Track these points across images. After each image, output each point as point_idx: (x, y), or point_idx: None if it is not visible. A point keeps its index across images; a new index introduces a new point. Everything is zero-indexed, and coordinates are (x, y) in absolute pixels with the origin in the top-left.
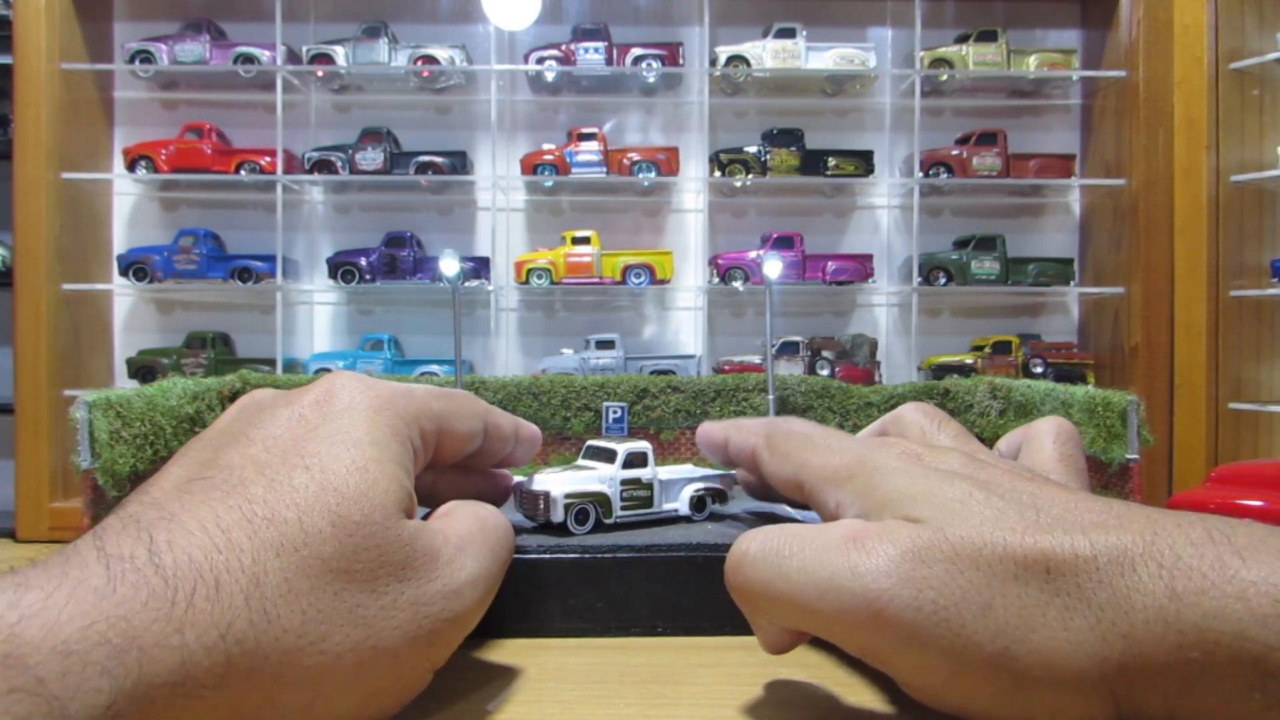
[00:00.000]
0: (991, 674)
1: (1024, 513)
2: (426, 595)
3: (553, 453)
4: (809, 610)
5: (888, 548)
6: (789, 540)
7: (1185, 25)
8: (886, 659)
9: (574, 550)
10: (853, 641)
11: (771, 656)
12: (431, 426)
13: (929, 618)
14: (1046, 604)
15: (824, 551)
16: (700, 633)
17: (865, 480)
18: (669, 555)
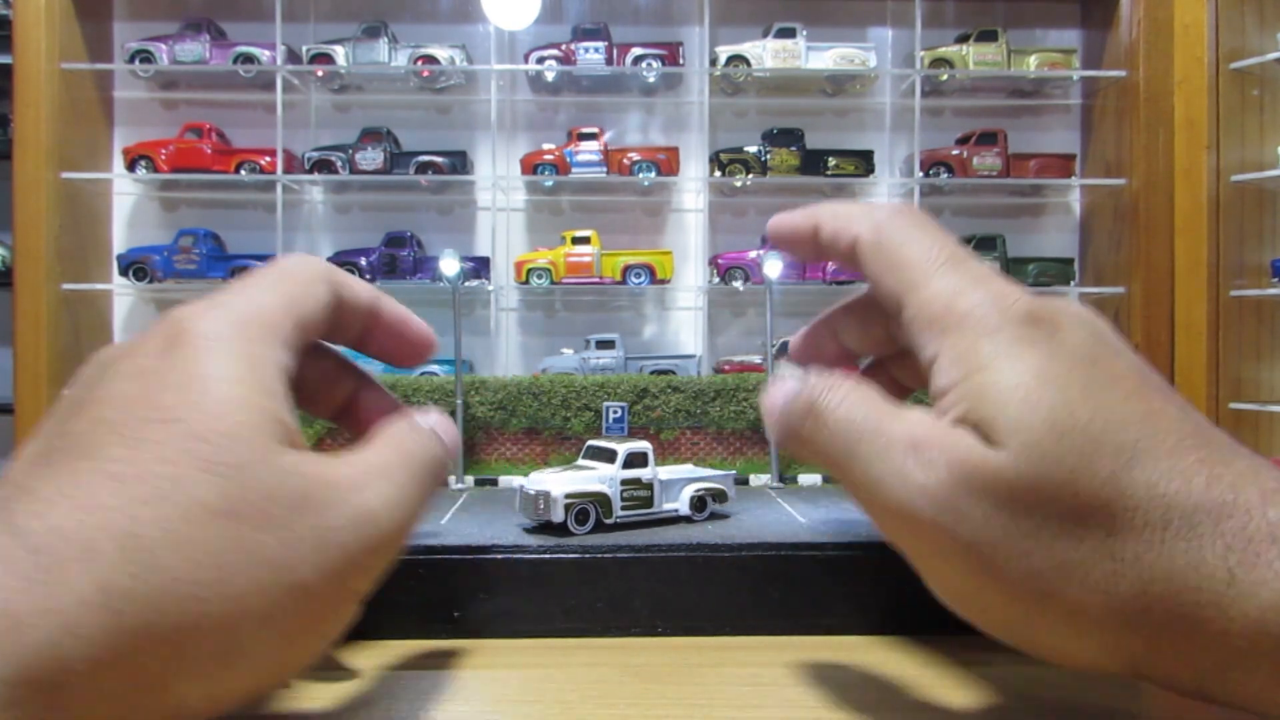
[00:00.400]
0: (1014, 608)
1: (1119, 454)
2: (331, 523)
3: (553, 453)
4: (852, 491)
5: (941, 471)
6: (869, 414)
7: (1185, 25)
8: (912, 557)
9: (574, 550)
10: (884, 529)
11: (769, 656)
12: (293, 328)
13: (962, 549)
14: (1094, 565)
15: (888, 448)
16: (700, 633)
17: (968, 349)
18: (669, 555)
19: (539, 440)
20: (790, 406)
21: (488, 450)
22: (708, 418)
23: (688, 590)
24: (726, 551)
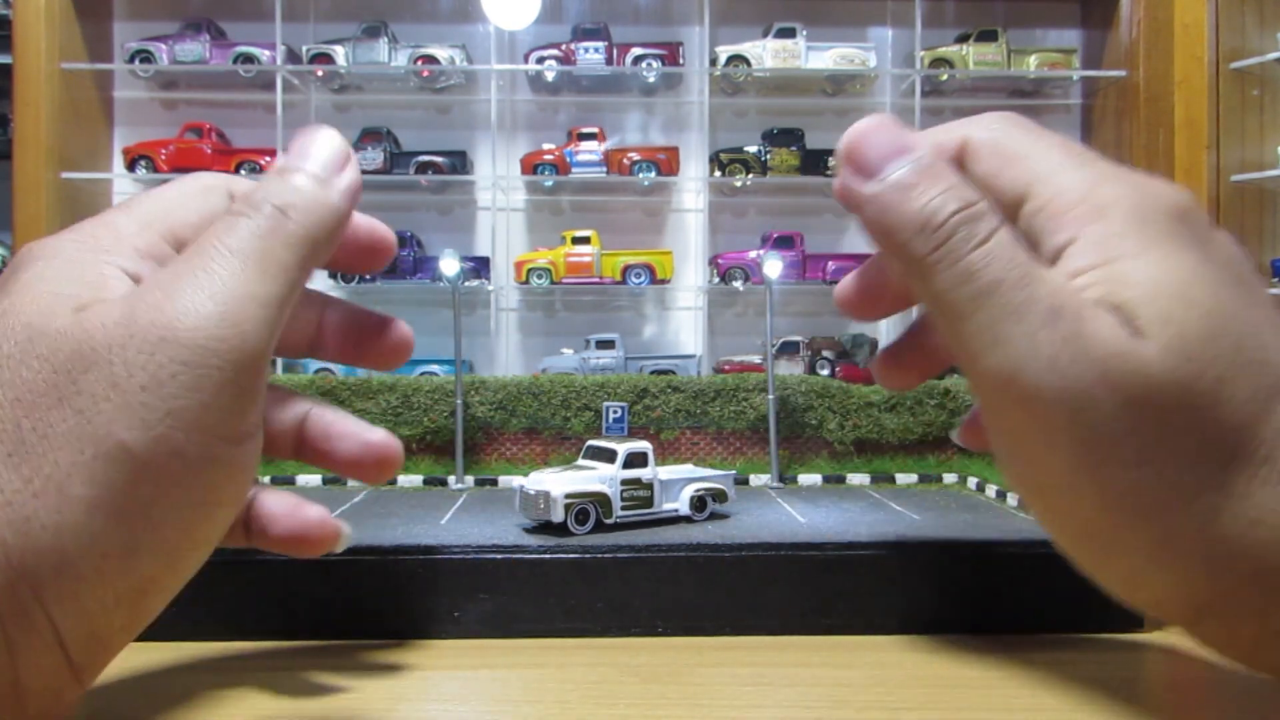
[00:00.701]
0: (1102, 519)
1: (1262, 377)
2: (131, 362)
3: (553, 453)
4: (959, 339)
5: (1079, 349)
6: (1016, 259)
7: (1185, 25)
8: (1002, 432)
9: (574, 550)
10: (982, 392)
11: (769, 656)
12: (155, 236)
13: (1075, 439)
14: (1202, 492)
15: (1027, 306)
16: (700, 633)
17: (1113, 236)
18: (669, 555)
19: (539, 440)
20: (941, 205)
21: (488, 450)
22: (708, 418)
23: (688, 590)
24: (726, 551)
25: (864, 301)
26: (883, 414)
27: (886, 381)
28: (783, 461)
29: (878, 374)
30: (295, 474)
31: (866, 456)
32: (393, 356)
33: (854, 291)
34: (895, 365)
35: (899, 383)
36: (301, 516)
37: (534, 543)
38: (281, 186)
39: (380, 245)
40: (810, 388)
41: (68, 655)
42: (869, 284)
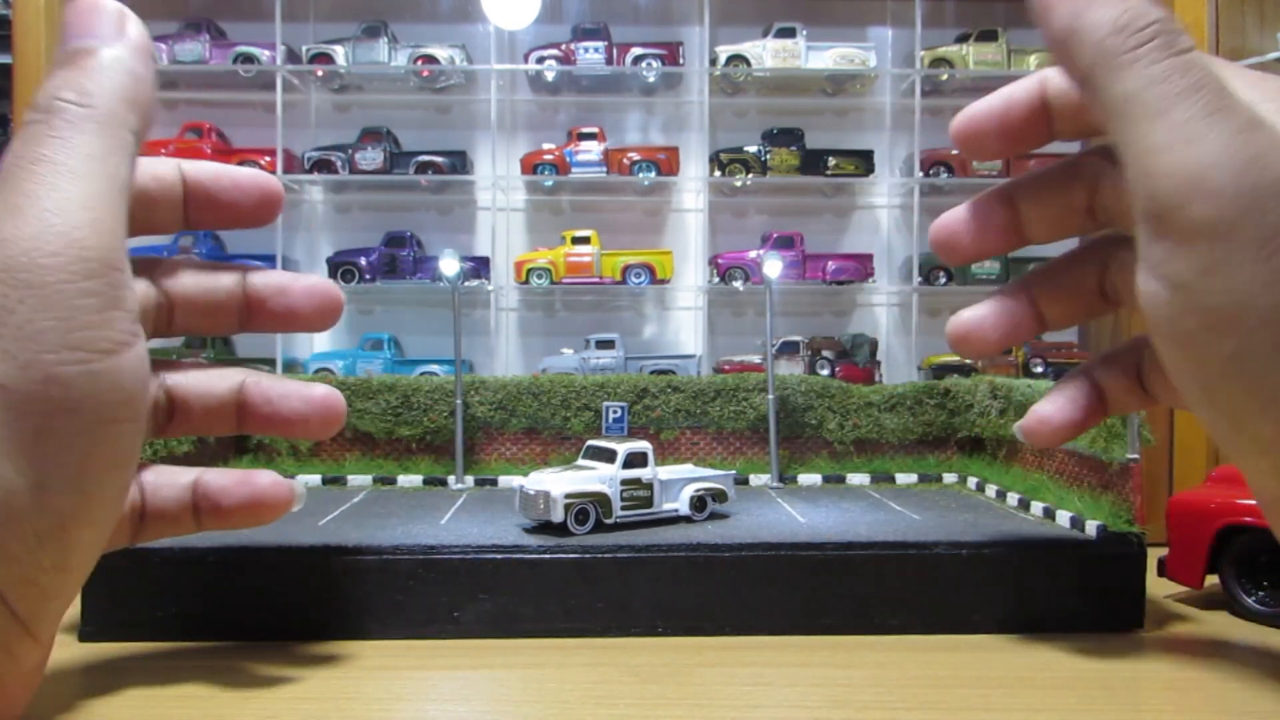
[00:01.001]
0: (1259, 335)
1: None
2: None
3: (553, 453)
4: (1148, 139)
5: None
6: (1216, 69)
7: (1185, 25)
8: (1174, 240)
9: (574, 550)
10: (1160, 191)
11: (769, 656)
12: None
13: (1253, 239)
14: None
15: (1227, 111)
16: (700, 633)
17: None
18: (669, 555)
19: (539, 440)
20: (1143, 10)
21: (488, 450)
22: (708, 418)
23: (688, 590)
24: (726, 551)
25: (976, 232)
26: (883, 414)
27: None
28: (783, 461)
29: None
30: (295, 474)
31: (866, 456)
32: (322, 316)
33: (963, 221)
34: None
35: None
36: (252, 484)
37: (534, 543)
38: (62, 77)
39: (263, 192)
40: (810, 388)
41: (8, 606)
42: (983, 215)
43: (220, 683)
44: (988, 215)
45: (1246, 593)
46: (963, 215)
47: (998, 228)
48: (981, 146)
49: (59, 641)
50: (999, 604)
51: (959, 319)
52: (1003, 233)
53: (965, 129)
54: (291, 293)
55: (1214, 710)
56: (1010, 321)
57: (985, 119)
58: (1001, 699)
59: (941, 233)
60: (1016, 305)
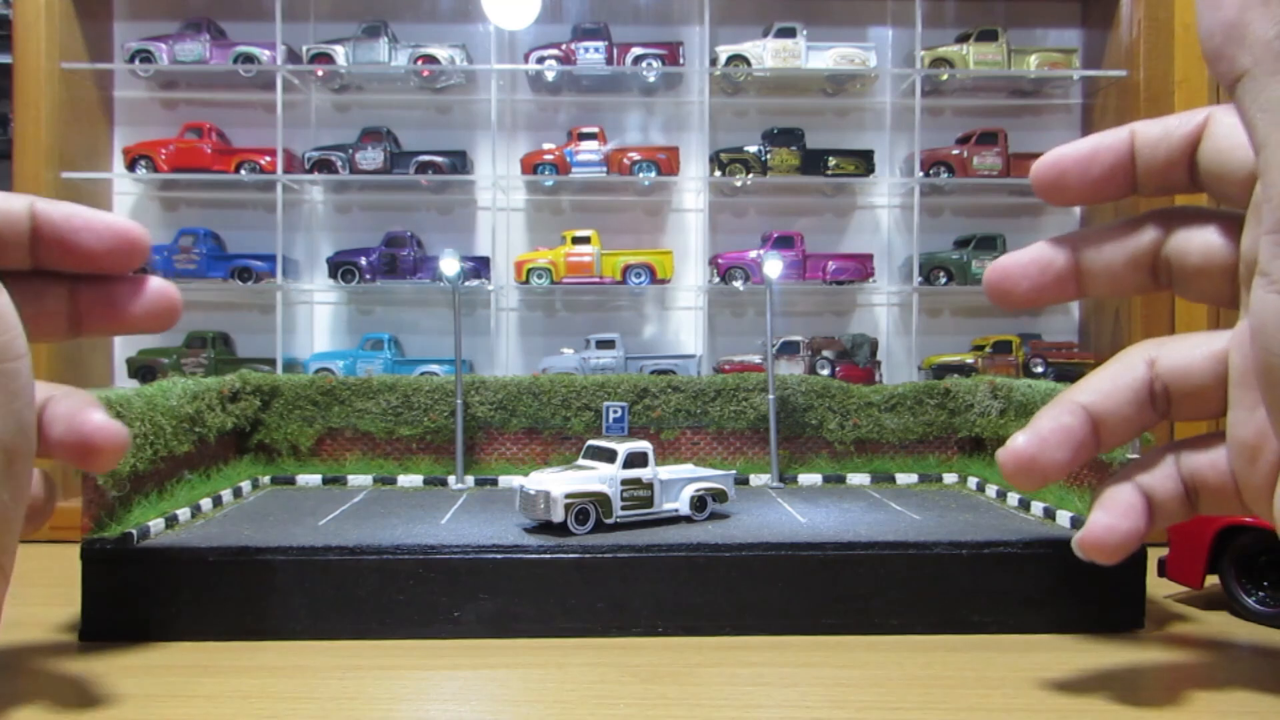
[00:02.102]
0: None
1: None
2: None
3: (553, 453)
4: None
5: None
6: None
7: (1185, 25)
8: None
9: (574, 550)
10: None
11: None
12: None
13: None
14: None
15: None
16: (700, 633)
17: None
18: (669, 555)
19: (539, 440)
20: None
21: (488, 450)
22: (708, 418)
23: (688, 590)
24: (726, 551)
25: (1035, 279)
26: (883, 414)
27: None
28: (783, 461)
29: None
30: (295, 474)
31: (867, 456)
32: (155, 319)
33: (1021, 267)
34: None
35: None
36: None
37: (534, 543)
38: None
39: (118, 238)
40: (810, 387)
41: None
42: (1044, 263)
43: (220, 683)
44: (1049, 264)
45: (1246, 593)
46: (1022, 261)
47: (1057, 278)
48: (1062, 192)
49: (59, 641)
50: (999, 604)
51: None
52: (1061, 284)
53: (1049, 175)
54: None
55: (1214, 710)
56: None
57: (1071, 166)
58: (1001, 699)
59: (996, 275)
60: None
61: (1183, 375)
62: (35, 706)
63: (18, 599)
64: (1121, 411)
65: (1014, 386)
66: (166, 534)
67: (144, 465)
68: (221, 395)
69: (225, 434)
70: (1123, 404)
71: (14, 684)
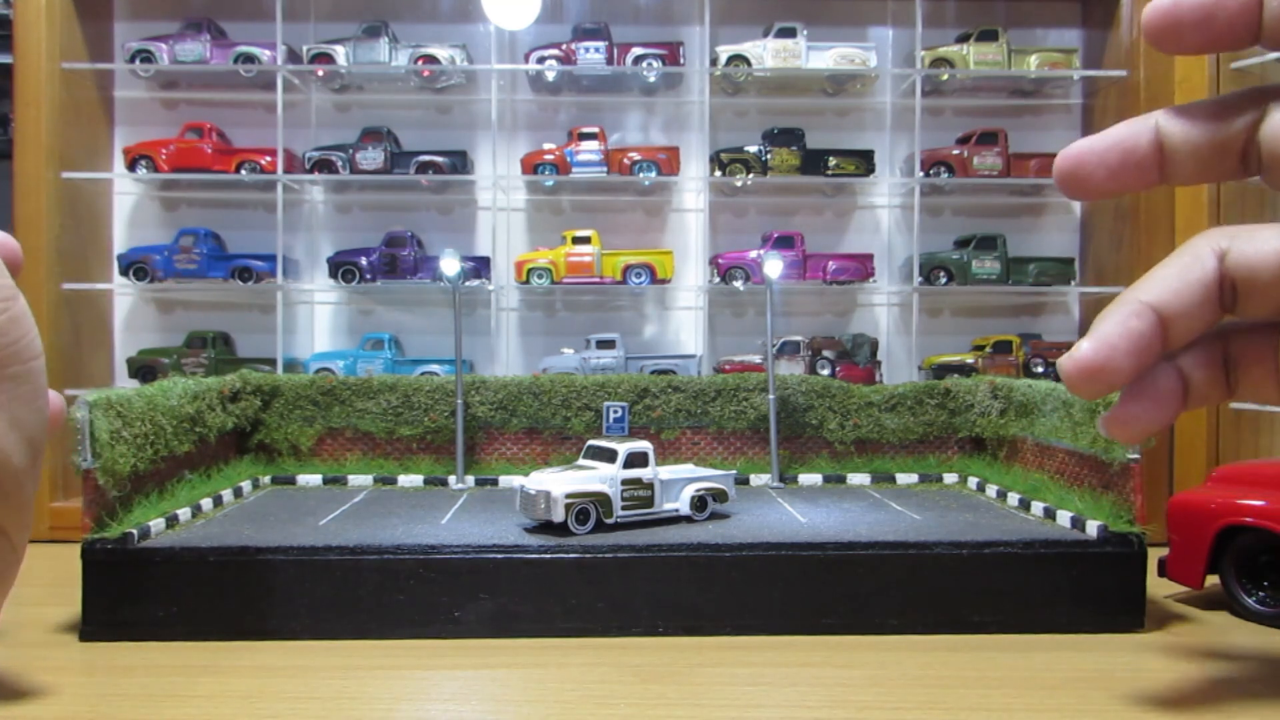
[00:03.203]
0: None
1: None
2: None
3: (553, 453)
4: None
5: None
6: None
7: None
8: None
9: (575, 550)
10: None
11: (769, 656)
12: None
13: None
14: None
15: None
16: (700, 633)
17: None
18: (669, 555)
19: (539, 440)
20: None
21: (488, 450)
22: (708, 417)
23: (688, 590)
24: (726, 551)
25: (1114, 166)
26: (883, 414)
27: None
28: (783, 461)
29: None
30: (295, 474)
31: (867, 456)
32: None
33: (1097, 153)
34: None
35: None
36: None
37: (534, 543)
38: None
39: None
40: (810, 388)
41: (9, 539)
42: (1125, 145)
43: (220, 683)
44: (1131, 149)
45: (1246, 593)
46: (1099, 146)
47: (1138, 163)
48: (1179, 39)
49: (59, 641)
50: (999, 604)
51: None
52: (1142, 170)
53: (1164, 19)
54: None
55: (1214, 710)
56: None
57: (1190, 11)
58: (1001, 699)
59: (1069, 163)
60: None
61: (1254, 271)
62: (35, 706)
63: (18, 599)
64: (1191, 311)
65: (1014, 386)
66: (167, 534)
67: (144, 465)
68: (222, 395)
69: (226, 434)
70: (1192, 302)
71: (14, 684)
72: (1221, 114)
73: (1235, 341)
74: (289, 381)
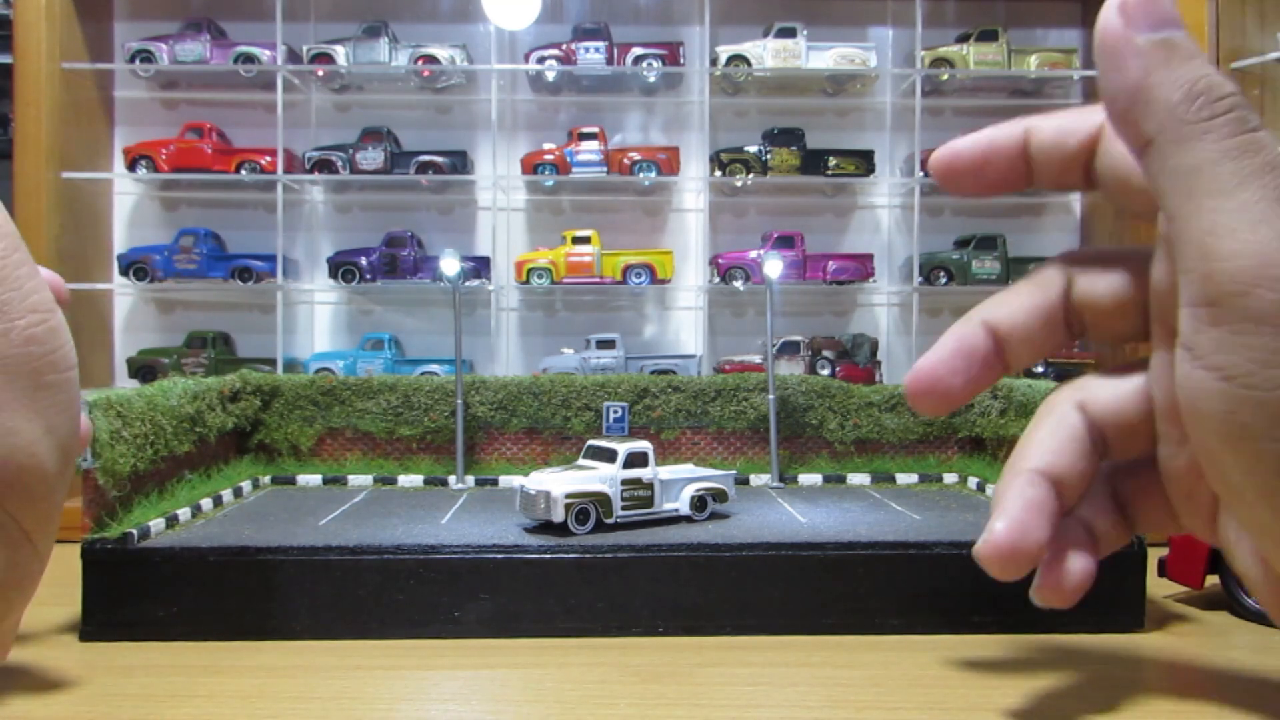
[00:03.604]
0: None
1: None
2: None
3: (553, 453)
4: (1198, 211)
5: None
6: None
7: (1186, 25)
8: (1221, 338)
9: (575, 550)
10: (1209, 276)
11: (769, 656)
12: None
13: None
14: None
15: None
16: (700, 633)
17: None
18: (669, 555)
19: (539, 440)
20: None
21: (488, 450)
22: (708, 417)
23: (688, 590)
24: (726, 551)
25: (977, 168)
26: (883, 414)
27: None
28: (783, 461)
29: None
30: (295, 474)
31: (867, 456)
32: None
33: (970, 155)
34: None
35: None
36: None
37: (534, 543)
38: None
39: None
40: (810, 388)
41: (34, 545)
42: (966, 353)
43: (220, 683)
44: (971, 353)
45: (1246, 593)
46: (944, 354)
47: (984, 363)
48: (958, 185)
49: (59, 641)
50: (999, 604)
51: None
52: (990, 367)
53: (944, 166)
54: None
55: (1214, 710)
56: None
57: (967, 160)
58: (1001, 699)
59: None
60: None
61: (1116, 416)
62: (35, 706)
63: None
64: (1075, 467)
65: (1014, 386)
66: (167, 534)
67: (144, 465)
68: (222, 395)
69: (226, 434)
70: (1075, 459)
71: (14, 684)
72: (1036, 294)
73: (1121, 483)
74: (289, 381)
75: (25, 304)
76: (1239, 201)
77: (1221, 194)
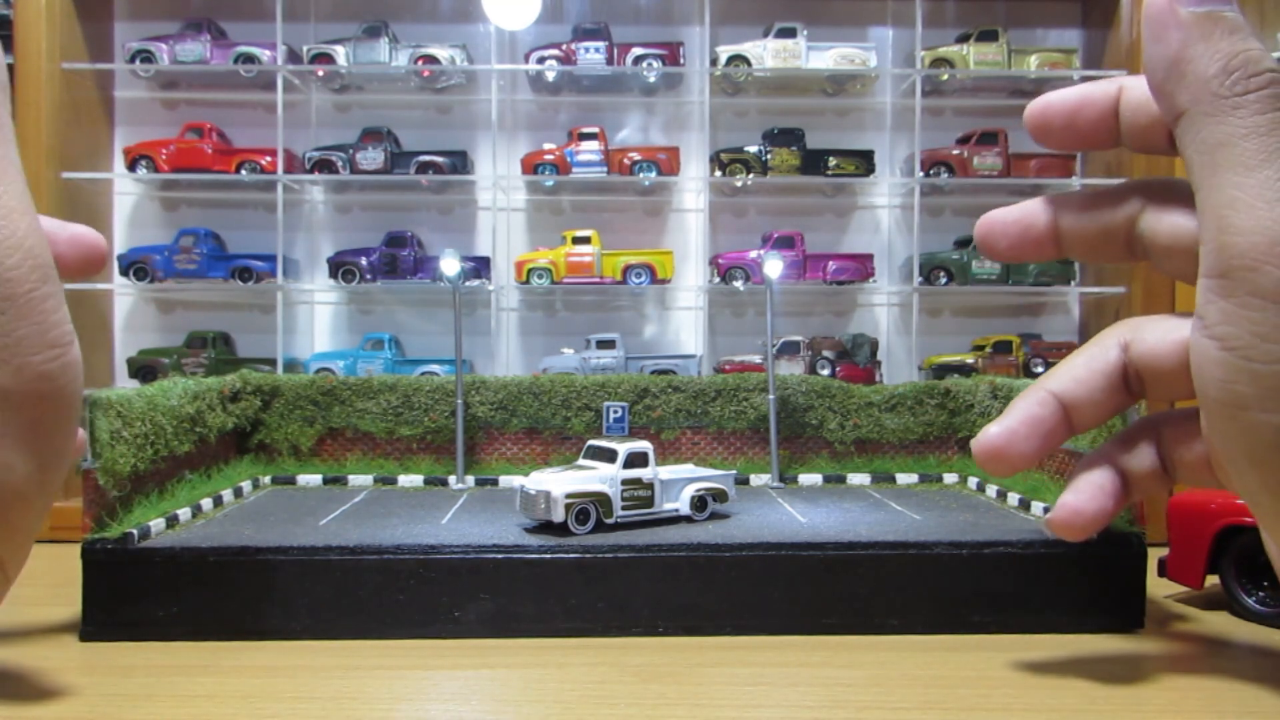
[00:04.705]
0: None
1: None
2: None
3: (553, 453)
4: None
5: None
6: None
7: None
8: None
9: (575, 550)
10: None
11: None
12: None
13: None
14: None
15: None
16: (700, 633)
17: None
18: (669, 555)
19: (539, 440)
20: (1260, 56)
21: (488, 450)
22: (708, 417)
23: (688, 590)
24: (726, 551)
25: (1015, 237)
26: (883, 414)
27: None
28: (783, 461)
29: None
30: (295, 474)
31: (867, 456)
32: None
33: (1003, 225)
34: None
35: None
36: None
37: (534, 543)
38: None
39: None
40: (811, 388)
41: (4, 571)
42: (1026, 222)
43: (220, 683)
44: (1030, 225)
45: (1246, 593)
46: (1006, 219)
47: (1035, 239)
48: (1048, 136)
49: (59, 641)
50: (999, 604)
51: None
52: (1039, 245)
53: (1037, 117)
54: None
55: (1214, 710)
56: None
57: (1058, 113)
58: (1001, 699)
59: (983, 229)
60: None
61: (1153, 360)
62: (35, 706)
63: (18, 599)
64: (1094, 397)
65: (1014, 386)
66: (167, 534)
67: (145, 465)
68: (222, 395)
69: (226, 434)
70: (1095, 390)
71: (14, 684)
72: (1105, 204)
73: (1166, 430)
74: (289, 381)
75: (45, 339)
76: (1261, 178)
77: (1245, 169)
